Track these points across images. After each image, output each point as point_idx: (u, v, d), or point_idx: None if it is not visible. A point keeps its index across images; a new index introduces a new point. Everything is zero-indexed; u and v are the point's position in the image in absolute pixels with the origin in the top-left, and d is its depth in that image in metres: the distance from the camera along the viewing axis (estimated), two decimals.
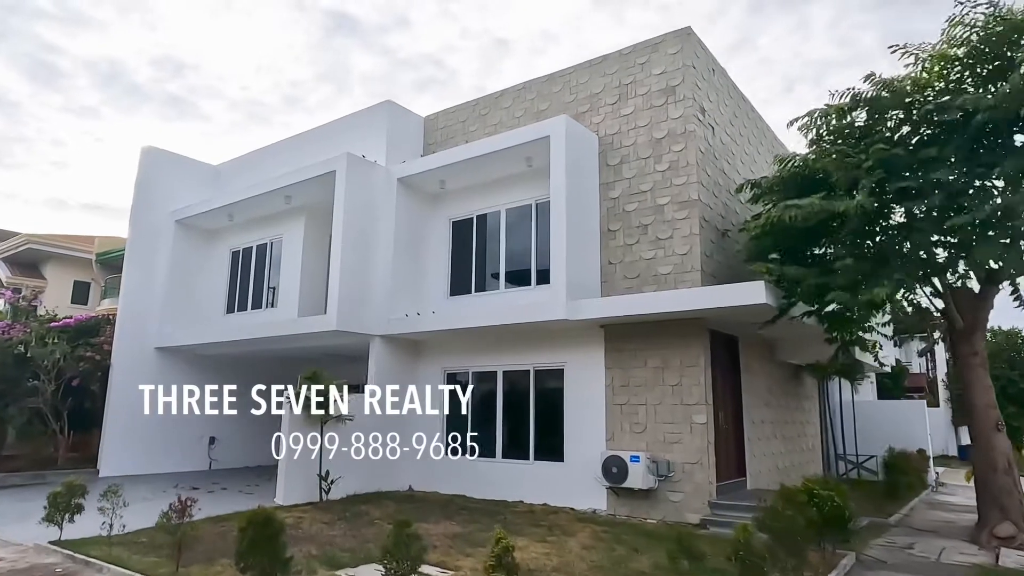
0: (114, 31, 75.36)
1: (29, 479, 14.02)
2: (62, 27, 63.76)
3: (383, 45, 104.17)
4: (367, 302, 13.00)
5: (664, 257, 10.99)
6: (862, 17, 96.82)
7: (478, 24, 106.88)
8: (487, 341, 12.84)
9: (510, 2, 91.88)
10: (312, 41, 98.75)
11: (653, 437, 10.53)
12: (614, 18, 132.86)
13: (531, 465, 11.84)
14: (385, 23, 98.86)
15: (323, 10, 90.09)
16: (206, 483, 14.08)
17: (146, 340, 16.20)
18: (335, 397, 11.59)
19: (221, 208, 15.65)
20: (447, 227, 13.99)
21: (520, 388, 12.42)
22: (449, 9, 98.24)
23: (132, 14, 73.04)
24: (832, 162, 9.20)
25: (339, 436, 11.85)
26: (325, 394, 11.42)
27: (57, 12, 61.88)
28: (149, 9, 75.64)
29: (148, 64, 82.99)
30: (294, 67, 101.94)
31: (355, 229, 12.95)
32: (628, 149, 11.76)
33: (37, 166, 74.92)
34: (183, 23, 77.45)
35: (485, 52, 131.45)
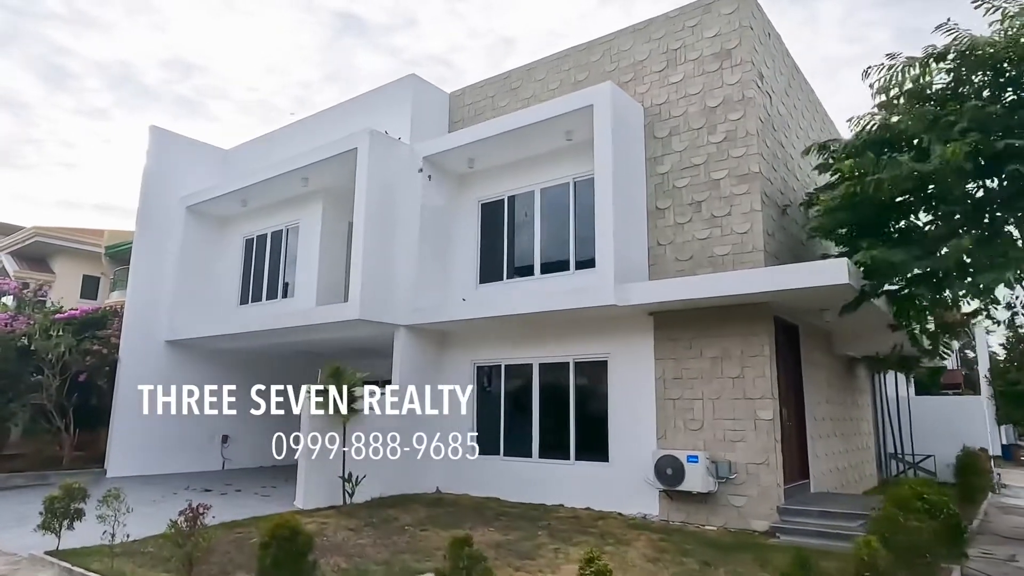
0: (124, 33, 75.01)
1: (32, 480, 13.19)
2: (72, 29, 63.34)
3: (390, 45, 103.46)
4: (391, 290, 12.04)
5: (721, 236, 9.96)
6: (872, 14, 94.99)
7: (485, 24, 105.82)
8: (520, 332, 11.85)
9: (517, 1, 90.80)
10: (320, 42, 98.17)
11: (711, 435, 9.51)
12: (623, 12, 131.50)
13: (572, 466, 10.85)
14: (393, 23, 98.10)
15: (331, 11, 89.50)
16: (219, 484, 13.18)
17: (155, 333, 15.34)
18: (359, 393, 10.66)
19: (234, 192, 14.75)
20: (475, 210, 13.01)
21: (558, 382, 11.43)
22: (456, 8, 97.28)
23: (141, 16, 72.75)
24: (919, 122, 8.14)
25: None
26: (348, 389, 10.49)
27: (67, 14, 61.47)
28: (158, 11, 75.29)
29: (158, 66, 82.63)
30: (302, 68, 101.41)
31: (378, 211, 12.00)
32: (678, 120, 10.73)
33: (47, 167, 74.69)
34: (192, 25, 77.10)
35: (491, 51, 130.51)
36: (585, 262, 11.18)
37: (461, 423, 12.33)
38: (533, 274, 11.92)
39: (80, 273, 27.04)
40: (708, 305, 9.64)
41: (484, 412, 12.27)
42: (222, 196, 15.04)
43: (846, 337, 12.44)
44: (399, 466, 11.70)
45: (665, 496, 9.70)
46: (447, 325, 12.18)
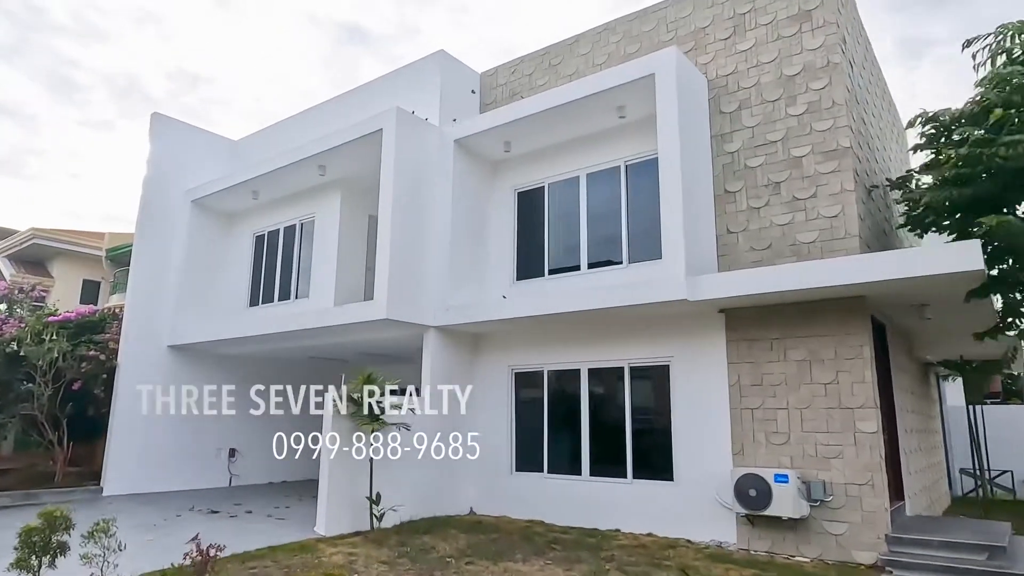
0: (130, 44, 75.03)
1: (19, 499, 11.87)
2: (79, 41, 63.37)
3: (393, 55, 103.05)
4: (420, 288, 10.78)
5: (806, 221, 8.68)
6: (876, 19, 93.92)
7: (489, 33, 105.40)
8: (565, 333, 10.57)
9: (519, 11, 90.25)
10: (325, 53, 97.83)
11: (800, 450, 8.19)
12: None
13: (630, 485, 9.53)
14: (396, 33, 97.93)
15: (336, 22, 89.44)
16: (227, 504, 11.86)
17: (157, 337, 14.08)
18: (389, 403, 9.38)
19: (244, 184, 13.51)
20: (511, 199, 11.76)
21: (611, 389, 10.14)
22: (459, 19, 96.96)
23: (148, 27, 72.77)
24: None
25: (389, 449, 9.62)
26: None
27: (75, 26, 61.47)
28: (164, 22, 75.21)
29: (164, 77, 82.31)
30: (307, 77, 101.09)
31: (405, 200, 10.75)
32: (748, 91, 9.48)
33: (53, 177, 74.20)
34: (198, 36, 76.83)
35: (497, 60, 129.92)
36: (641, 254, 9.96)
37: (498, 436, 11.04)
38: (579, 269, 10.65)
39: (80, 277, 25.81)
40: (793, 300, 8.36)
41: (524, 424, 10.97)
42: (230, 188, 13.81)
43: (928, 339, 11.13)
44: (430, 485, 10.40)
45: (744, 521, 8.37)
46: (482, 326, 10.90)
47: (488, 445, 11.08)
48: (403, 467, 9.92)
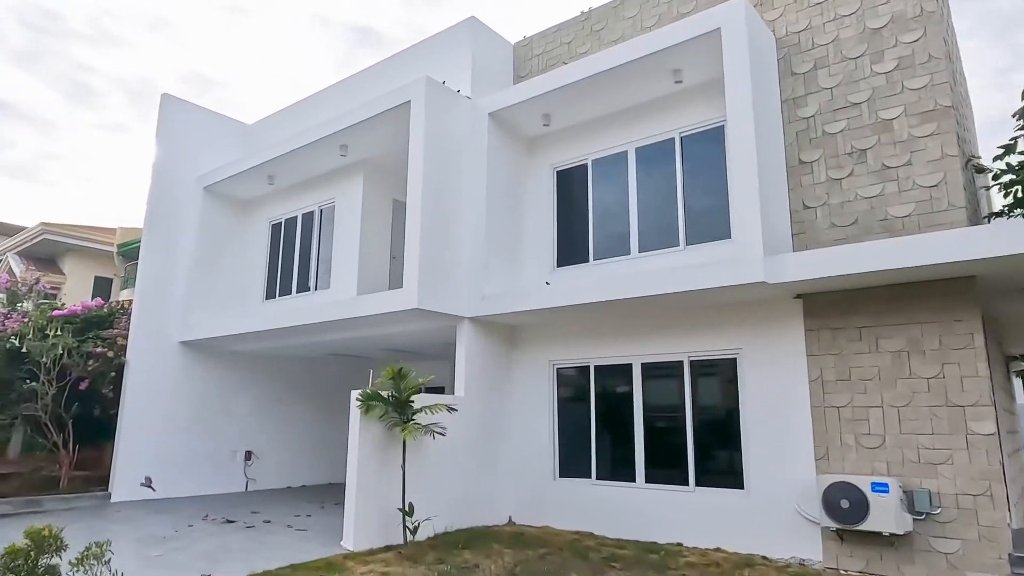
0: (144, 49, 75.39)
1: (21, 507, 11.01)
2: (95, 47, 63.67)
3: None
4: (452, 275, 9.78)
5: (899, 193, 7.58)
6: None
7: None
8: (614, 324, 9.54)
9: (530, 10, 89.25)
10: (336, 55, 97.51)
11: (898, 455, 7.10)
12: None
13: (692, 493, 8.47)
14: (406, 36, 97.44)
15: (346, 25, 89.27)
16: (243, 511, 10.93)
17: (168, 333, 13.20)
18: (422, 402, 8.40)
19: (258, 167, 12.59)
20: (550, 178, 10.74)
21: (668, 386, 9.10)
22: None
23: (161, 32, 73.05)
24: None
25: (420, 454, 8.65)
26: (408, 397, 8.23)
27: (91, 32, 61.82)
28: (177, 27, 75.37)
29: (178, 80, 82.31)
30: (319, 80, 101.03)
31: (437, 180, 9.75)
32: (825, 49, 8.39)
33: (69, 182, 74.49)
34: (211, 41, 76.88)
35: None
36: (701, 235, 8.92)
37: (538, 439, 10.02)
38: (629, 252, 9.61)
39: (91, 274, 25.12)
40: (887, 282, 7.27)
41: (568, 425, 9.95)
42: (244, 173, 12.90)
43: (1020, 329, 9.98)
44: (465, 492, 9.41)
45: (832, 536, 7.30)
46: (520, 317, 9.88)
47: (527, 448, 10.08)
48: (436, 473, 8.94)
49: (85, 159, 75.86)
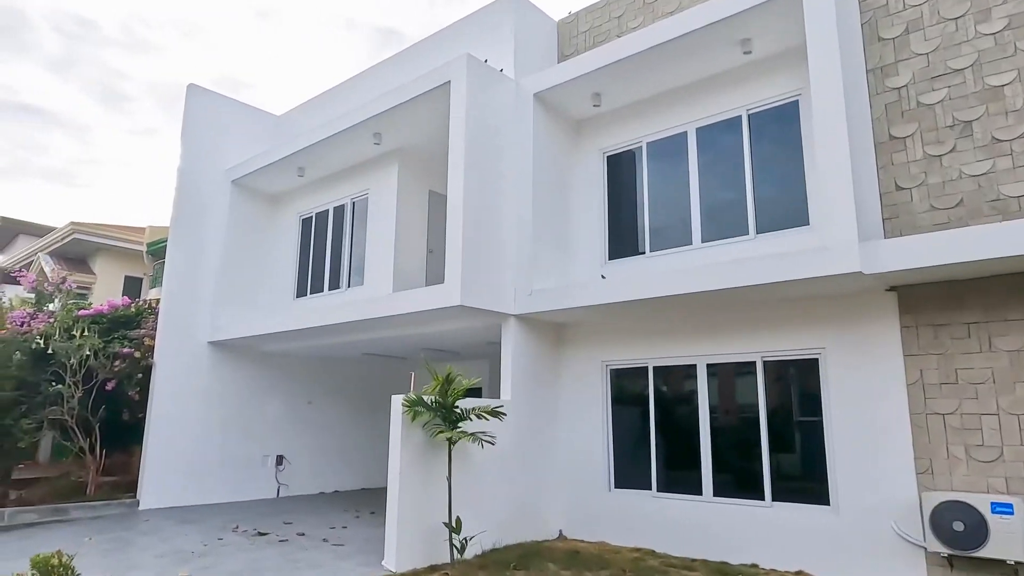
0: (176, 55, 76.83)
1: (47, 515, 10.55)
2: (128, 53, 65.10)
3: None
4: (497, 269, 9.03)
5: (1013, 169, 6.63)
6: None
7: None
8: (675, 321, 8.71)
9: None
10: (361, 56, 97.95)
11: (1019, 470, 6.17)
12: None
13: (769, 509, 7.61)
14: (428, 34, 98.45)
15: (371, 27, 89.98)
16: (275, 522, 10.32)
17: (196, 333, 12.68)
18: (469, 408, 7.67)
19: (288, 158, 11.98)
20: (599, 163, 9.94)
21: (739, 389, 8.25)
22: None
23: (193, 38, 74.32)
24: None
25: (465, 463, 7.92)
26: (453, 402, 7.50)
27: (124, 39, 63.25)
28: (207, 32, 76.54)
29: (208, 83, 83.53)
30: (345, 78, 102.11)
31: (479, 167, 9.01)
32: (918, 9, 7.45)
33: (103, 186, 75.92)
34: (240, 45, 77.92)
35: None
36: (773, 222, 8.07)
37: (591, 446, 9.24)
38: (690, 243, 8.76)
39: (122, 274, 24.94)
40: (1004, 271, 6.34)
41: (623, 432, 9.15)
42: (274, 164, 12.30)
43: None
44: (512, 505, 8.67)
45: (941, 562, 6.39)
46: (570, 315, 9.10)
47: (578, 457, 9.30)
48: (482, 484, 8.21)
49: (118, 163, 77.25)
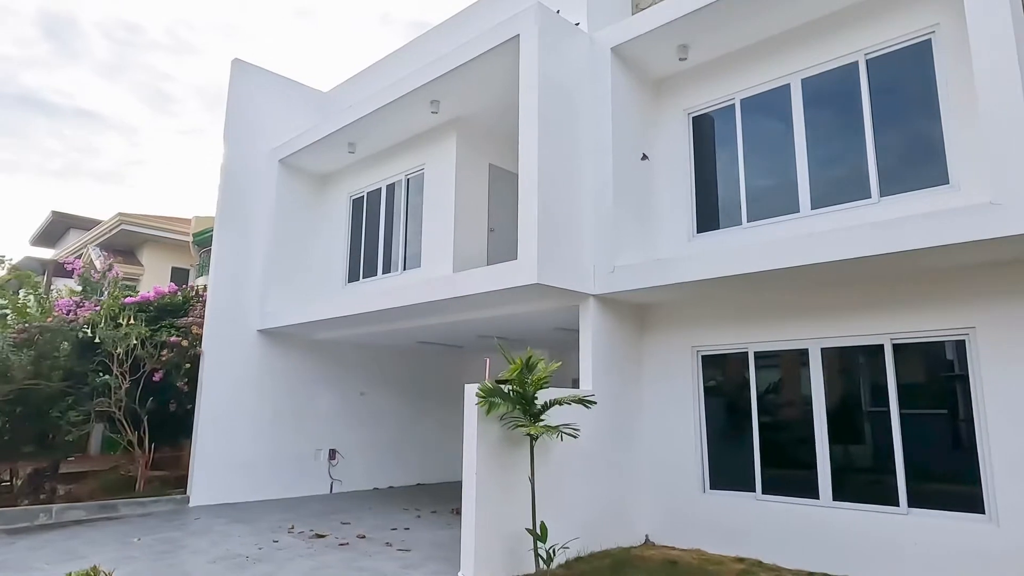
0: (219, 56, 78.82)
1: (95, 512, 10.04)
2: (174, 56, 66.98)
3: None
4: (575, 244, 8.08)
5: None
6: None
7: None
8: (781, 300, 7.64)
9: None
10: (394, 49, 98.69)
11: None
12: None
13: (904, 516, 6.51)
14: None
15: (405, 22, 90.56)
16: (332, 522, 9.61)
17: (245, 320, 12.06)
18: (554, 396, 6.75)
19: (339, 133, 11.21)
20: (684, 125, 8.88)
21: (862, 377, 7.15)
22: None
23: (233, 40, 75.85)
24: None
25: (544, 461, 7.00)
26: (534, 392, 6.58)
27: (169, 42, 65.15)
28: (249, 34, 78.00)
29: None
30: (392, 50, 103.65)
31: (553, 131, 8.04)
32: None
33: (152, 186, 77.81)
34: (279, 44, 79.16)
35: None
36: (900, 183, 6.92)
37: (679, 442, 8.24)
38: (797, 210, 7.65)
39: (168, 265, 24.79)
40: None
41: (719, 426, 8.12)
42: (324, 140, 11.55)
43: None
44: (596, 507, 7.74)
45: None
46: (657, 294, 8.09)
47: (666, 454, 8.32)
48: (563, 484, 7.30)
49: (166, 163, 79.10)
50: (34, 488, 10.44)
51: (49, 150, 68.62)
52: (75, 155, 70.99)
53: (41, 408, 10.45)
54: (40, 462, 10.79)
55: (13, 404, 10.34)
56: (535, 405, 6.57)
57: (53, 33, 61.73)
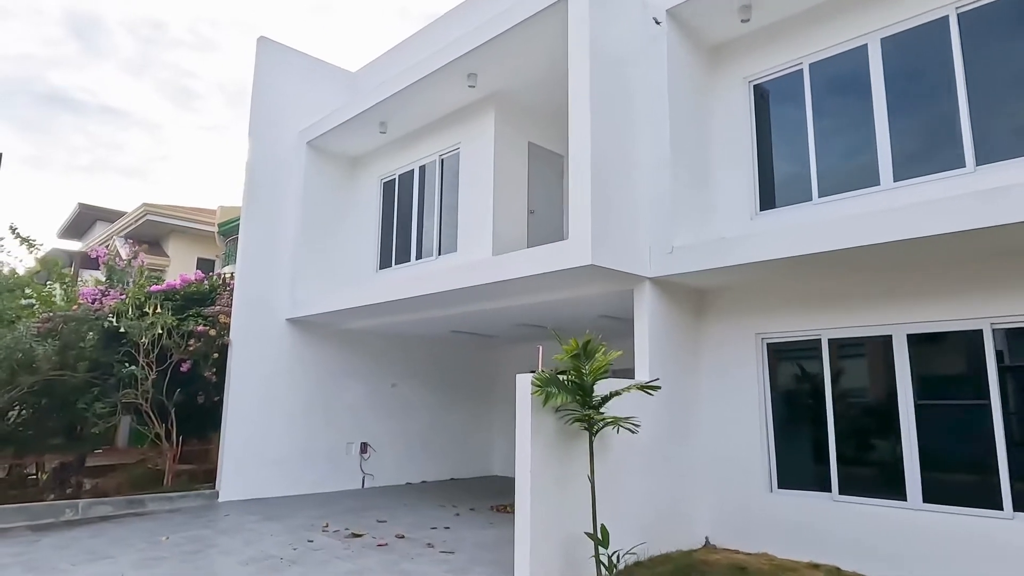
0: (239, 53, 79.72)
1: (123, 507, 9.68)
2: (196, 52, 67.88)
3: None
4: (630, 223, 7.44)
5: None
6: None
7: None
8: (859, 283, 6.95)
9: None
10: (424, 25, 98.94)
11: None
12: None
13: (1009, 521, 5.82)
14: None
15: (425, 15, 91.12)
16: (367, 519, 9.13)
17: (274, 309, 11.62)
18: (613, 387, 6.16)
19: (370, 112, 10.68)
20: (744, 94, 8.19)
21: (956, 365, 6.45)
22: None
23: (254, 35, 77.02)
24: None
25: (601, 457, 6.40)
26: (592, 379, 5.99)
27: (192, 39, 66.04)
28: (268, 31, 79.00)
29: None
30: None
31: (606, 100, 7.39)
32: None
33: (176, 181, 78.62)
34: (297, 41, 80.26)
35: None
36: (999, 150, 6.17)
37: (742, 436, 7.60)
38: (877, 183, 6.94)
39: (194, 256, 24.60)
40: None
41: (788, 419, 7.47)
42: (354, 120, 11.03)
43: None
44: (656, 507, 7.14)
45: None
46: (717, 277, 7.44)
47: (727, 449, 7.68)
48: (621, 482, 6.71)
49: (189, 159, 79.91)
50: (60, 482, 10.10)
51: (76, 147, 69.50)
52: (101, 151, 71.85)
53: (67, 399, 10.11)
54: (66, 455, 10.46)
55: (38, 395, 10.03)
56: (594, 395, 5.98)
57: (78, 32, 62.52)
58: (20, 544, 7.56)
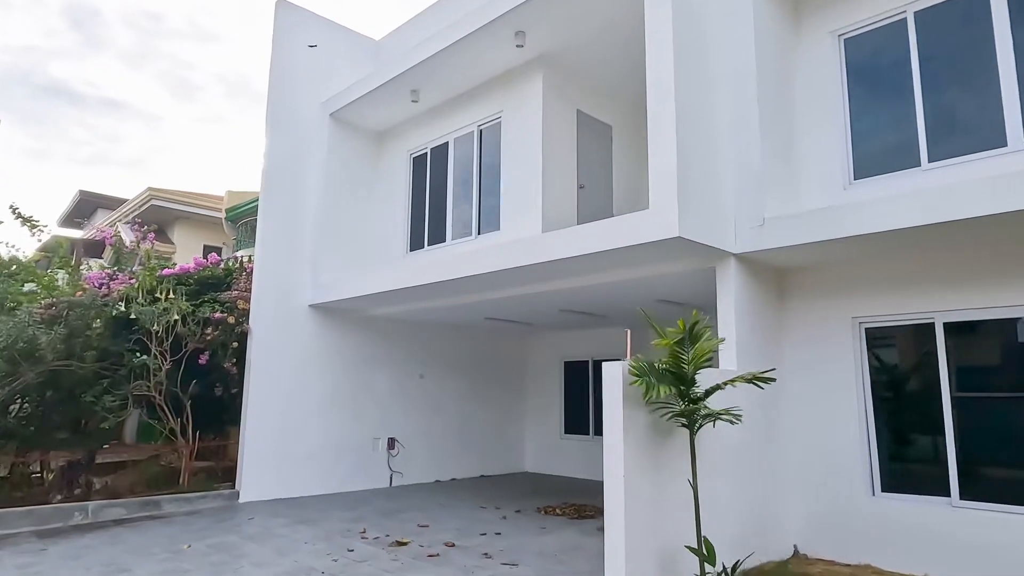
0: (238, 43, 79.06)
1: (137, 509, 8.84)
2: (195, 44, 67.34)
3: None
4: (715, 192, 6.57)
5: None
6: None
7: None
8: (979, 258, 6.09)
9: None
10: None
11: None
12: None
13: None
14: None
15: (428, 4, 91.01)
16: (405, 523, 8.28)
17: (296, 294, 10.75)
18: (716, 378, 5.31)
19: (402, 78, 9.78)
20: (834, 48, 7.29)
21: None
22: None
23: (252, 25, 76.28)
24: None
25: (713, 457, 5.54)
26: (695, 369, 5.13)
27: (190, 30, 65.49)
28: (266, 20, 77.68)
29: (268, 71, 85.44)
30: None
31: (684, 54, 6.47)
32: None
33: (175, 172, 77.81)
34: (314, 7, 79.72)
35: None
36: None
37: (837, 433, 6.75)
38: (1004, 143, 6.07)
39: (200, 243, 23.65)
40: None
41: (893, 414, 6.62)
42: (384, 87, 10.13)
43: None
44: (743, 513, 6.30)
45: None
46: (807, 253, 6.58)
47: (820, 448, 6.84)
48: (715, 487, 5.85)
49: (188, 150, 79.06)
50: (68, 481, 9.26)
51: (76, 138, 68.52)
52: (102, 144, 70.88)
53: (74, 392, 9.27)
54: (74, 452, 9.61)
55: (43, 387, 9.18)
56: (696, 387, 5.12)
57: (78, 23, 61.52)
58: (26, 554, 6.73)
